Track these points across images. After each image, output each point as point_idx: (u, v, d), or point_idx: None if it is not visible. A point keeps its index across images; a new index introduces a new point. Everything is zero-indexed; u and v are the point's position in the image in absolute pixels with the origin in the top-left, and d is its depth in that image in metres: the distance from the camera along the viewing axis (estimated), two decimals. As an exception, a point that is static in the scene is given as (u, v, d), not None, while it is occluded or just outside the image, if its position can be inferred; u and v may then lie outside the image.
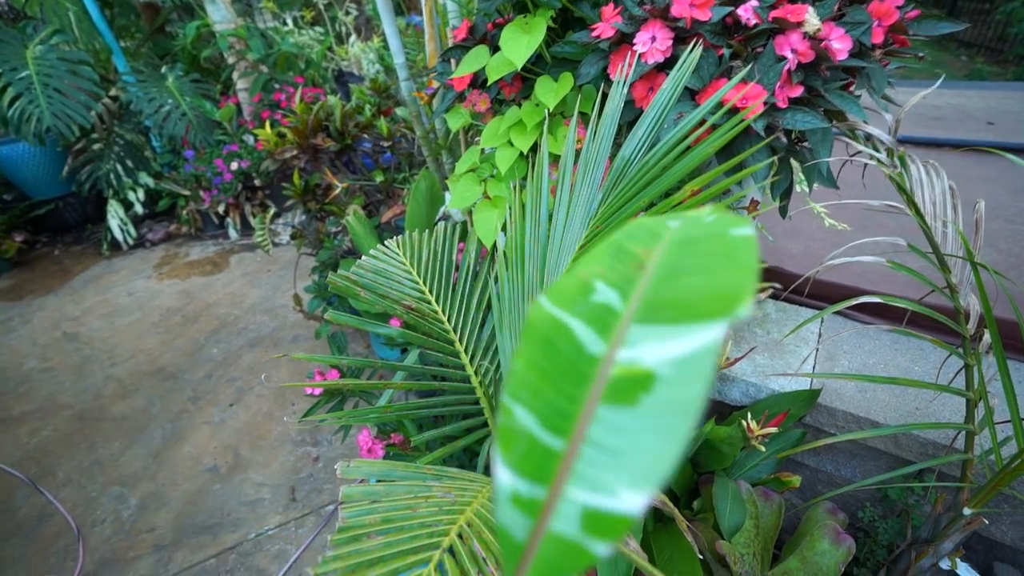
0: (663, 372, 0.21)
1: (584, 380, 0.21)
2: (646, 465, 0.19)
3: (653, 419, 0.20)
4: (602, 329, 0.22)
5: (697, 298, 0.23)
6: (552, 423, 0.20)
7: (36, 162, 2.74)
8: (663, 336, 0.22)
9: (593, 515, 0.19)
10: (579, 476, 0.20)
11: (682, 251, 0.26)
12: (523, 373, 0.21)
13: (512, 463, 0.20)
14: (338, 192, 1.77)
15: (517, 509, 0.19)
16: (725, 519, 0.83)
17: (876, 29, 0.68)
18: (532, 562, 0.19)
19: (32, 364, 2.11)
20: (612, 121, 0.60)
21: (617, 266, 0.25)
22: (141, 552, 1.38)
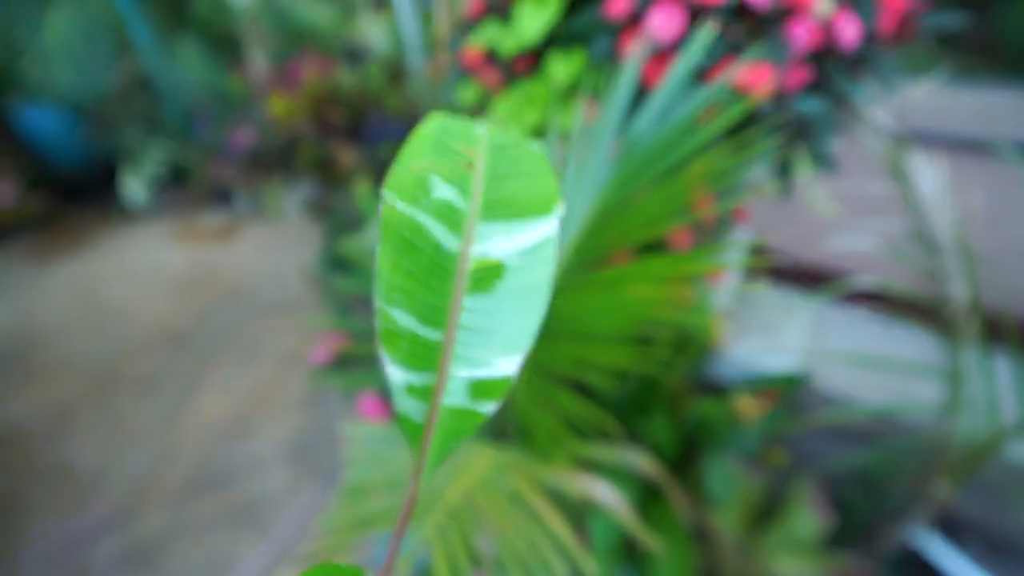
0: (511, 262, 0.25)
1: (448, 275, 0.25)
2: (512, 338, 0.24)
3: (510, 301, 0.25)
4: (453, 226, 0.26)
5: (523, 198, 0.27)
6: (428, 318, 0.25)
7: (55, 127, 2.77)
8: (505, 231, 0.26)
9: (478, 385, 0.24)
10: (459, 357, 0.24)
11: (499, 155, 0.30)
12: (391, 278, 0.25)
13: (400, 360, 0.24)
14: (347, 165, 1.79)
15: (412, 397, 0.24)
16: (714, 492, 0.86)
17: (886, 17, 0.69)
18: (433, 435, 0.24)
19: (52, 323, 2.18)
20: (624, 96, 0.62)
21: (445, 161, 0.28)
22: (154, 504, 1.44)
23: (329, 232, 1.70)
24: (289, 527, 1.36)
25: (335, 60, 2.87)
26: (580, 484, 0.62)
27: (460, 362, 0.25)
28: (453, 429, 0.24)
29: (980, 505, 0.94)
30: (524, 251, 0.26)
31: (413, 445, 0.24)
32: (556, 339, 0.67)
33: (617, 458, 0.70)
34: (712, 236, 0.94)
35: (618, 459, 0.70)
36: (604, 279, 0.61)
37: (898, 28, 0.72)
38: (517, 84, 0.95)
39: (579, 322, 0.64)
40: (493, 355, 0.24)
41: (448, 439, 0.24)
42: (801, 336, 1.15)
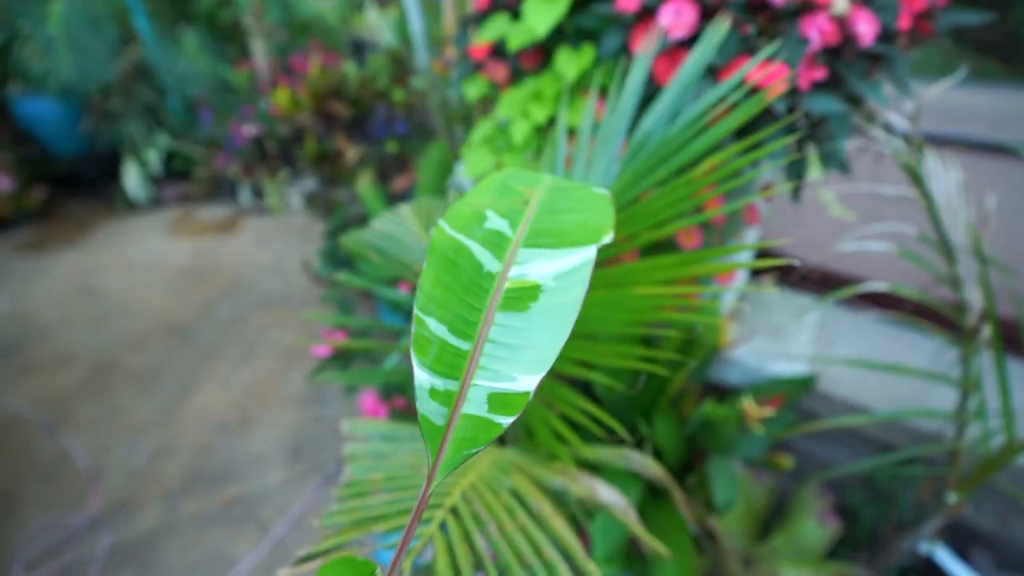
0: (547, 284, 0.27)
1: (484, 293, 0.27)
2: (537, 356, 0.26)
3: (540, 320, 0.26)
4: (496, 251, 0.29)
5: (571, 229, 0.30)
6: (459, 330, 0.27)
7: (56, 118, 2.76)
8: (546, 257, 0.28)
9: (497, 397, 0.25)
10: (484, 369, 0.26)
11: (557, 195, 0.33)
12: (431, 290, 0.27)
13: (427, 364, 0.26)
14: (351, 159, 1.77)
15: (434, 401, 0.26)
16: (718, 496, 0.85)
17: (903, 15, 0.68)
18: (450, 439, 0.25)
19: (51, 315, 2.17)
20: (634, 94, 0.61)
21: (504, 200, 0.32)
22: (151, 498, 1.44)
23: (332, 227, 1.69)
24: (288, 525, 1.35)
25: (340, 54, 2.85)
26: (584, 486, 0.61)
27: (484, 373, 0.26)
28: (470, 437, 0.25)
29: (990, 516, 0.93)
30: (561, 274, 0.27)
31: (430, 446, 0.25)
32: (561, 339, 0.66)
33: (621, 460, 0.69)
34: (721, 237, 0.93)
35: (622, 461, 0.68)
36: (611, 278, 0.59)
37: (915, 26, 0.71)
38: (524, 79, 0.94)
39: (585, 321, 0.62)
40: (516, 370, 0.26)
41: (463, 445, 0.25)
42: (809, 339, 1.13)
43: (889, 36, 0.69)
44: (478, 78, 0.97)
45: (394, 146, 1.73)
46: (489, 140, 0.97)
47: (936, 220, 0.72)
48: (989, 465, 0.74)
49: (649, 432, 0.92)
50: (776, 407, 0.92)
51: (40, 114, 2.77)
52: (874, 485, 1.02)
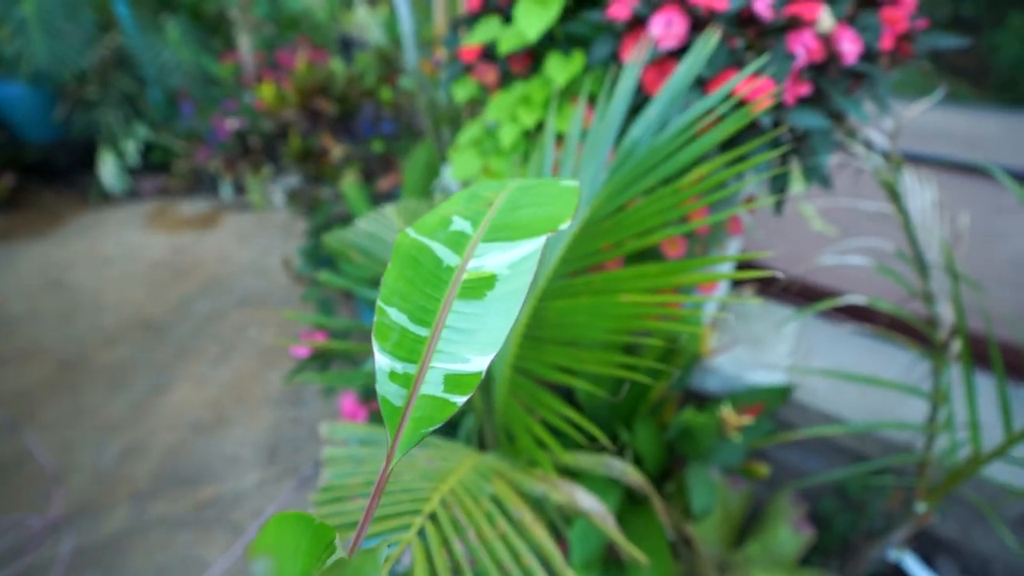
0: (502, 273, 0.29)
1: (443, 285, 0.30)
2: (490, 338, 0.28)
3: (495, 306, 0.28)
4: (457, 248, 0.31)
5: (529, 222, 0.31)
6: (418, 318, 0.29)
7: (29, 104, 2.67)
8: (502, 249, 0.30)
9: (453, 377, 0.27)
10: (440, 352, 0.28)
11: (522, 193, 0.35)
12: (394, 283, 0.29)
13: (388, 350, 0.28)
14: (336, 157, 1.75)
15: (394, 383, 0.27)
16: (696, 504, 0.86)
17: (886, 35, 0.69)
18: (409, 418, 0.27)
19: (17, 308, 2.09)
20: (623, 102, 0.61)
21: (471, 205, 0.34)
22: (119, 500, 1.39)
23: (315, 226, 1.67)
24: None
25: (328, 51, 2.82)
26: (564, 493, 0.61)
27: (441, 356, 0.28)
28: (427, 416, 0.27)
29: (954, 524, 0.95)
30: (513, 263, 0.29)
31: (390, 425, 0.27)
32: (543, 344, 0.66)
33: (602, 467, 0.69)
34: (704, 247, 0.94)
35: (602, 468, 0.68)
36: (595, 285, 0.59)
37: (896, 47, 0.73)
38: (513, 83, 0.93)
39: (568, 328, 0.62)
40: (471, 353, 0.28)
41: (421, 424, 0.27)
42: (787, 350, 1.15)
43: (872, 55, 0.71)
44: (467, 80, 0.97)
45: (380, 145, 1.72)
46: (477, 143, 0.97)
47: (912, 236, 0.74)
48: (956, 476, 0.76)
49: (630, 439, 0.93)
50: (754, 416, 0.93)
51: (10, 99, 2.67)
52: (846, 494, 1.04)
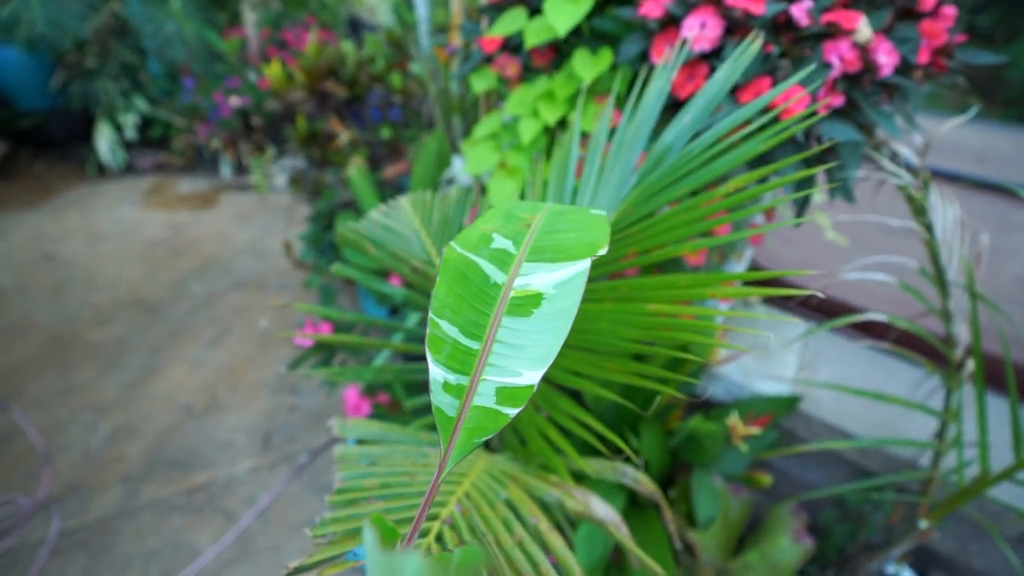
0: (548, 292, 0.31)
1: (492, 301, 0.31)
2: (539, 353, 0.29)
3: (543, 324, 0.30)
4: (502, 265, 0.33)
5: (569, 245, 0.33)
6: (469, 331, 0.30)
7: (24, 70, 2.60)
8: (546, 269, 0.32)
9: (504, 390, 0.29)
10: (492, 366, 0.29)
11: (557, 217, 0.37)
12: (444, 297, 0.31)
13: (441, 362, 0.29)
14: (342, 142, 1.72)
15: (447, 394, 0.29)
16: (701, 512, 0.85)
17: (923, 48, 0.68)
18: (462, 429, 0.28)
19: (7, 281, 2.05)
20: (655, 105, 0.59)
21: (509, 225, 0.36)
22: (109, 482, 1.37)
23: (318, 211, 1.64)
24: (255, 516, 1.30)
25: (336, 32, 2.77)
26: (579, 500, 0.60)
27: (492, 370, 0.29)
28: (479, 426, 0.28)
29: (951, 539, 0.95)
30: (560, 283, 0.31)
31: (443, 435, 0.28)
32: (563, 348, 0.65)
33: (614, 473, 0.68)
34: (722, 255, 0.93)
35: (615, 474, 0.67)
36: (619, 291, 0.58)
37: (932, 61, 0.71)
38: (535, 77, 0.91)
39: (590, 334, 0.61)
40: (521, 366, 0.29)
41: (474, 434, 0.28)
42: (793, 359, 1.15)
43: (907, 68, 0.70)
44: (487, 71, 0.94)
45: (388, 132, 1.69)
46: (493, 136, 0.95)
47: (935, 254, 0.73)
48: (962, 495, 0.76)
49: (637, 445, 0.92)
50: (759, 425, 0.93)
51: (5, 64, 2.60)
52: (846, 505, 1.04)
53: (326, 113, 1.71)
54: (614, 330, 0.58)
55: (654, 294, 0.54)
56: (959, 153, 2.14)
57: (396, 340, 0.85)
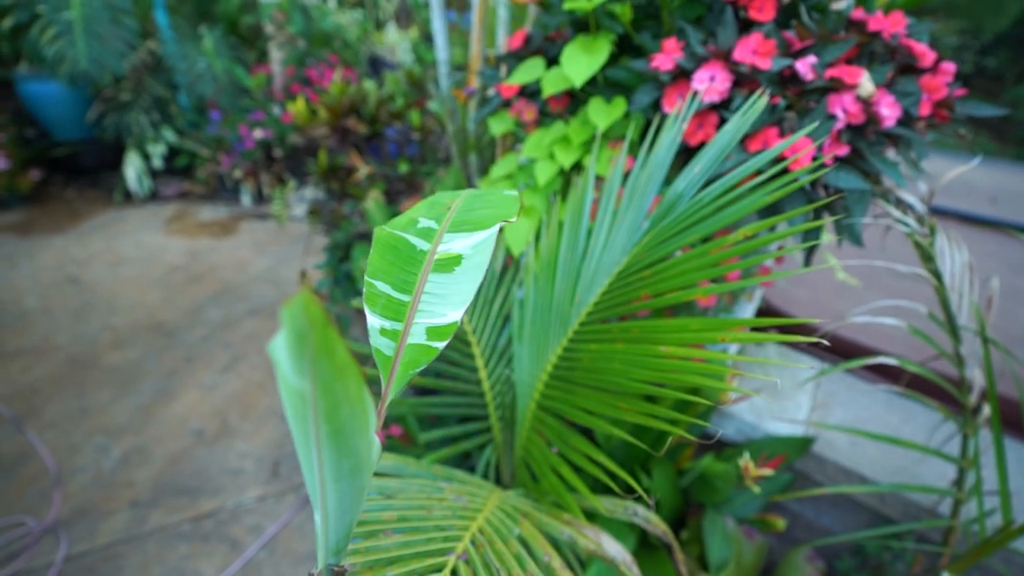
0: (466, 253, 0.37)
1: (418, 264, 0.37)
2: (460, 299, 0.35)
3: (462, 276, 0.36)
4: (427, 238, 0.39)
5: (484, 218, 0.39)
6: (401, 288, 0.36)
7: (63, 103, 2.73)
8: (464, 237, 0.38)
9: (433, 329, 0.35)
10: (421, 312, 0.35)
11: (474, 199, 0.43)
12: (378, 263, 0.37)
13: (377, 312, 0.35)
14: (361, 176, 1.78)
15: (384, 337, 0.34)
16: (713, 554, 0.84)
17: (924, 102, 0.71)
18: (399, 364, 0.33)
19: (32, 302, 2.10)
20: (667, 153, 0.62)
21: (432, 210, 0.42)
22: (118, 506, 1.38)
23: (335, 242, 1.68)
24: (261, 545, 1.30)
25: (357, 69, 2.89)
26: (591, 539, 0.60)
27: (422, 314, 0.35)
28: (413, 360, 0.33)
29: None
30: (475, 245, 0.37)
31: (383, 371, 0.33)
32: (575, 386, 0.66)
33: (625, 512, 0.68)
34: (733, 296, 0.94)
35: (626, 513, 0.67)
36: (632, 333, 0.60)
37: (933, 112, 0.74)
38: (550, 121, 0.95)
39: (602, 373, 0.62)
40: (446, 310, 0.35)
41: (409, 366, 0.33)
42: (806, 399, 1.14)
43: (909, 120, 0.72)
44: (505, 115, 0.99)
45: (406, 167, 1.74)
46: (510, 176, 0.98)
47: (944, 300, 0.74)
48: (985, 546, 0.74)
49: (648, 483, 0.92)
50: (772, 466, 0.92)
51: (46, 96, 2.74)
52: (864, 553, 1.01)
53: (346, 148, 1.77)
54: (626, 370, 0.59)
55: (666, 336, 0.56)
56: (972, 194, 2.15)
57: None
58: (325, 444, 0.22)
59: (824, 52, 0.73)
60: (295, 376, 0.19)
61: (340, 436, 0.22)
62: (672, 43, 0.76)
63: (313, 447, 0.22)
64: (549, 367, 0.70)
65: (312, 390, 0.19)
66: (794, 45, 0.75)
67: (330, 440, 0.22)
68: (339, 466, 0.24)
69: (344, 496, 0.27)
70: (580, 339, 0.67)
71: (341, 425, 0.21)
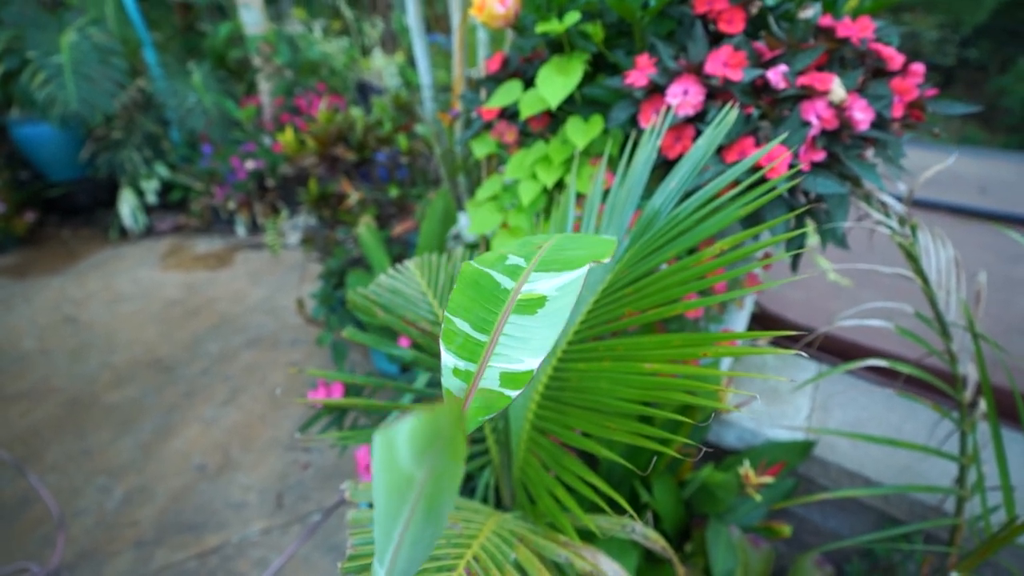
0: (551, 295, 0.35)
1: (500, 303, 0.36)
2: (539, 345, 0.33)
3: (545, 320, 0.34)
4: (513, 276, 0.37)
5: (573, 259, 0.38)
6: (479, 327, 0.35)
7: (56, 144, 2.77)
8: (551, 277, 0.36)
9: (507, 375, 0.33)
10: (497, 355, 0.34)
11: (566, 240, 0.42)
12: (459, 300, 0.36)
13: (452, 351, 0.34)
14: (352, 202, 1.79)
15: (456, 378, 0.33)
16: (717, 565, 0.83)
17: (896, 103, 0.72)
18: (468, 408, 0.32)
19: (30, 344, 2.11)
20: (644, 169, 0.63)
21: (523, 248, 0.41)
22: (122, 547, 1.36)
23: (329, 269, 1.69)
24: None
25: (345, 96, 2.93)
26: (588, 560, 0.60)
27: (497, 358, 0.34)
28: (484, 405, 0.32)
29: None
30: (561, 287, 0.35)
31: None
32: (566, 407, 0.66)
33: (622, 530, 0.67)
34: (721, 305, 0.95)
35: (623, 531, 0.67)
36: (617, 351, 0.60)
37: (907, 113, 0.75)
38: (532, 141, 0.96)
39: (591, 392, 0.62)
40: (523, 355, 0.33)
41: (479, 412, 0.32)
42: (805, 402, 1.14)
43: (883, 122, 0.73)
44: (487, 138, 1.00)
45: (396, 190, 1.76)
46: (495, 198, 0.99)
47: (931, 298, 0.74)
48: (991, 543, 0.73)
49: (648, 498, 0.91)
50: (776, 474, 0.92)
51: (39, 139, 2.77)
52: (874, 556, 1.00)
53: (336, 176, 1.79)
54: (613, 389, 0.59)
55: (649, 354, 0.56)
56: (960, 185, 2.16)
57: (406, 401, 0.87)
58: (417, 520, 0.23)
59: (795, 60, 0.74)
60: (411, 463, 0.19)
61: (433, 515, 0.23)
62: (645, 59, 0.77)
63: (402, 521, 0.23)
64: (540, 387, 0.70)
65: (423, 477, 0.20)
66: (765, 55, 0.76)
67: (423, 517, 0.23)
68: (422, 535, 0.25)
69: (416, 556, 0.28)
70: (569, 358, 0.67)
71: (438, 507, 0.23)
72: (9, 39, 2.32)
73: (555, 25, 0.80)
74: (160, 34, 3.04)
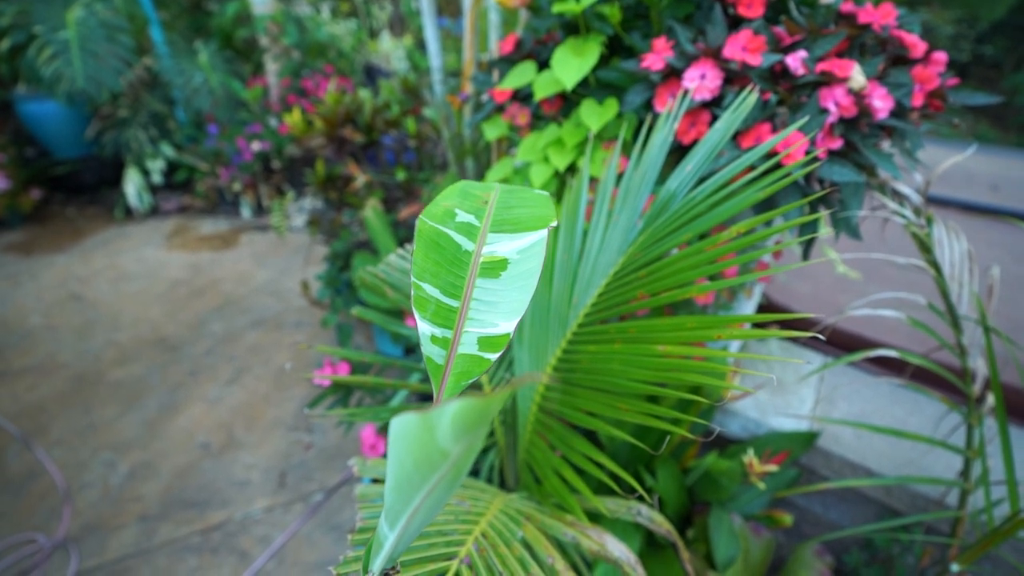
0: (512, 257, 0.36)
1: (464, 265, 0.36)
2: (511, 308, 0.34)
3: (511, 283, 0.34)
4: (470, 236, 0.37)
5: (525, 219, 0.39)
6: (449, 292, 0.35)
7: (62, 121, 2.76)
8: (508, 239, 0.37)
9: (484, 339, 0.33)
10: (471, 320, 0.34)
11: (509, 196, 0.42)
12: (423, 263, 0.35)
13: (427, 318, 0.34)
14: (359, 185, 1.78)
15: (435, 345, 0.33)
16: (719, 552, 0.84)
17: (917, 92, 0.71)
18: (450, 374, 0.32)
19: (36, 321, 2.12)
20: (659, 152, 0.62)
21: (467, 202, 0.41)
22: (126, 521, 1.38)
23: (335, 251, 1.69)
24: (269, 556, 1.30)
25: (353, 79, 2.90)
26: (594, 540, 0.60)
27: (472, 323, 0.34)
28: (465, 371, 0.32)
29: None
30: (522, 250, 0.36)
31: (434, 381, 0.32)
32: (575, 388, 0.66)
33: (629, 512, 0.67)
34: (731, 292, 0.94)
35: (630, 513, 0.67)
36: (629, 333, 0.60)
37: (927, 103, 0.74)
38: (544, 124, 0.96)
39: (602, 374, 0.62)
40: (497, 318, 0.34)
41: (461, 377, 0.32)
42: (810, 393, 1.14)
43: (902, 111, 0.72)
44: (498, 120, 0.99)
45: (403, 174, 1.75)
46: (506, 181, 0.99)
47: (944, 290, 0.74)
48: (993, 536, 0.74)
49: (652, 483, 0.91)
50: (777, 462, 0.92)
51: (45, 116, 2.76)
52: (873, 547, 1.01)
53: (344, 158, 1.78)
54: (625, 371, 0.59)
55: (663, 336, 0.56)
56: (972, 182, 2.14)
57: (413, 380, 0.87)
58: (441, 487, 0.24)
59: (814, 46, 0.73)
60: (450, 441, 0.20)
61: (455, 483, 0.25)
62: (662, 42, 0.76)
63: (427, 488, 0.24)
64: (549, 369, 0.70)
65: (459, 452, 0.21)
66: (784, 40, 0.75)
67: (447, 484, 0.24)
68: (441, 499, 0.27)
69: (430, 517, 0.29)
70: (579, 340, 0.67)
71: (460, 477, 0.24)
72: (15, 13, 2.30)
73: (572, 5, 0.79)
74: (167, 12, 3.01)
